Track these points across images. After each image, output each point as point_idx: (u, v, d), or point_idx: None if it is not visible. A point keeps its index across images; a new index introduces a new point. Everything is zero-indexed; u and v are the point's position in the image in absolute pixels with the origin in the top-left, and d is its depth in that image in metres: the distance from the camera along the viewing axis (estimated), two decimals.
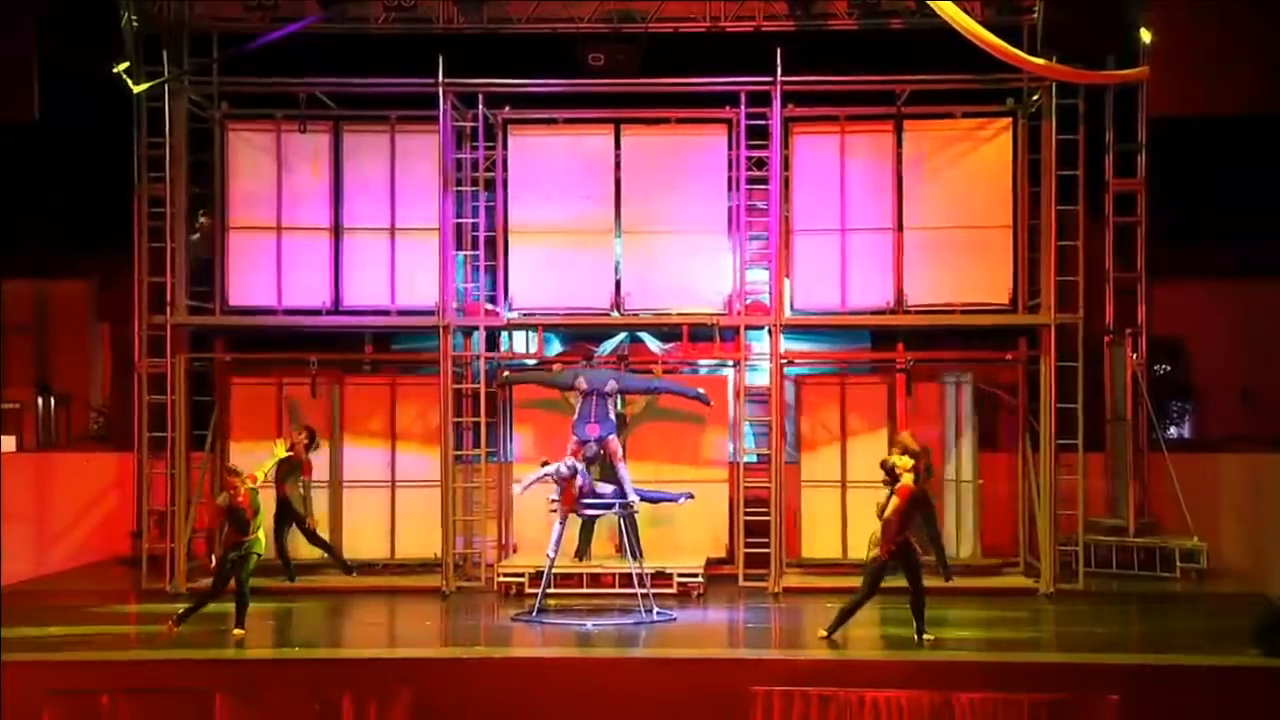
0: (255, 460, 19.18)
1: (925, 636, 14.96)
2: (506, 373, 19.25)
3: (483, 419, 18.86)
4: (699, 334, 19.29)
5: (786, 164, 19.20)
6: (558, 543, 16.89)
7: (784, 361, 19.10)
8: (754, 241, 19.62)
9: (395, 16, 19.15)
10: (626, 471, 17.14)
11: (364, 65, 19.22)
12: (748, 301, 19.30)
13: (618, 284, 19.32)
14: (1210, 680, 13.69)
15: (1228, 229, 21.32)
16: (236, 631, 15.29)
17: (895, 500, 14.88)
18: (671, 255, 19.25)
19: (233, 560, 15.47)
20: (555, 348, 20.46)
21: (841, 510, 19.52)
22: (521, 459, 19.56)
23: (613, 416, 17.29)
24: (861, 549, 15.80)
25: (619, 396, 18.47)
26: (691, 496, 17.91)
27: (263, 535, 15.78)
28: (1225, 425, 22.48)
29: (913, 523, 15.09)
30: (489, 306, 19.38)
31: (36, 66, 18.93)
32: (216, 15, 19.34)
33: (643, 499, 17.33)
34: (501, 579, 18.09)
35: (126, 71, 18.34)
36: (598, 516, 17.74)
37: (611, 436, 17.28)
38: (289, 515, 18.48)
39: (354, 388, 19.98)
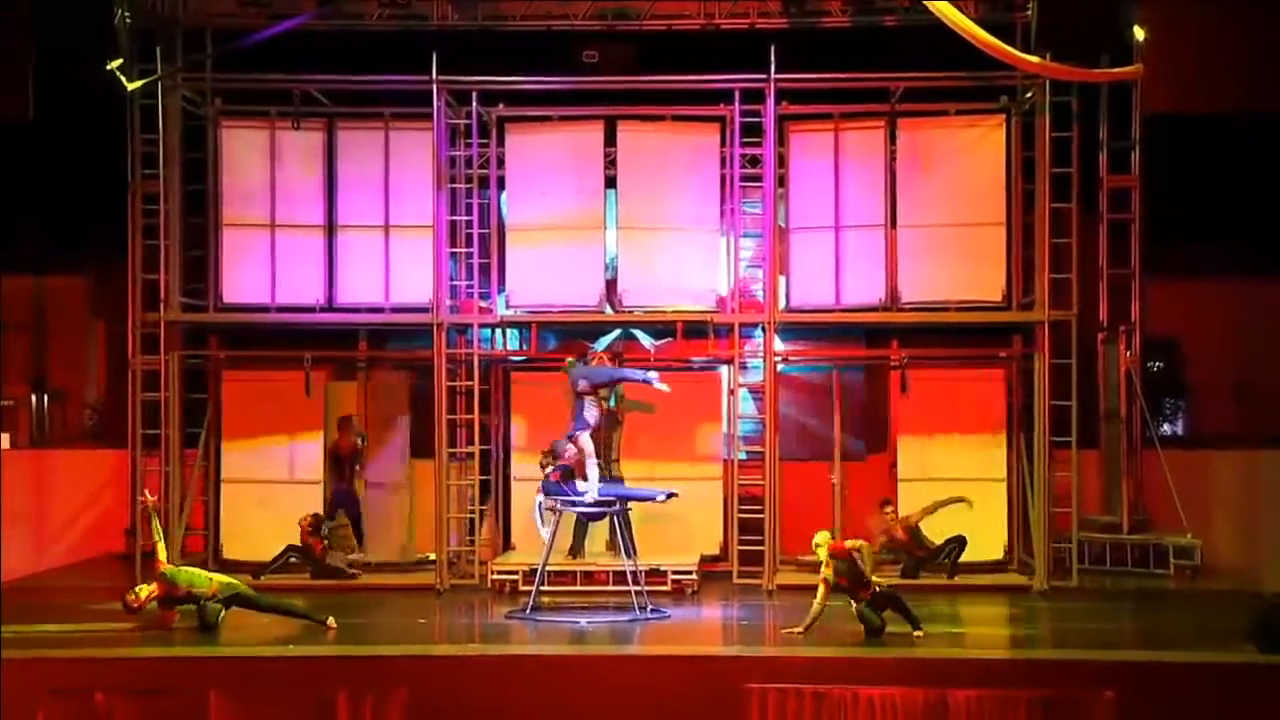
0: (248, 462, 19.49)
1: (917, 633, 14.99)
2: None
3: (476, 416, 18.89)
4: (693, 331, 19.31)
5: (781, 161, 19.24)
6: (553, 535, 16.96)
7: (778, 359, 19.13)
8: (749, 239, 19.67)
9: (390, 13, 19.17)
10: (595, 470, 16.99)
11: (358, 62, 19.21)
12: (742, 299, 19.37)
13: (610, 281, 19.36)
14: (1205, 677, 13.68)
15: (1222, 227, 21.33)
16: (331, 622, 15.40)
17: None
18: (666, 252, 19.26)
19: (212, 611, 15.39)
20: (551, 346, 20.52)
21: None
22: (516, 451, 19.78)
23: (588, 415, 17.12)
24: None
25: (611, 393, 18.46)
26: (674, 495, 17.28)
27: (218, 577, 15.74)
28: (1219, 423, 22.47)
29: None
30: (483, 304, 19.39)
31: (31, 64, 18.91)
32: (210, 12, 19.33)
33: (621, 498, 17.22)
34: (495, 576, 18.09)
35: (120, 69, 18.30)
36: (591, 519, 17.77)
37: (580, 433, 16.99)
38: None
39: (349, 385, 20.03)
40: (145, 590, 15.43)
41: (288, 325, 19.55)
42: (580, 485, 16.81)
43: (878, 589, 15.14)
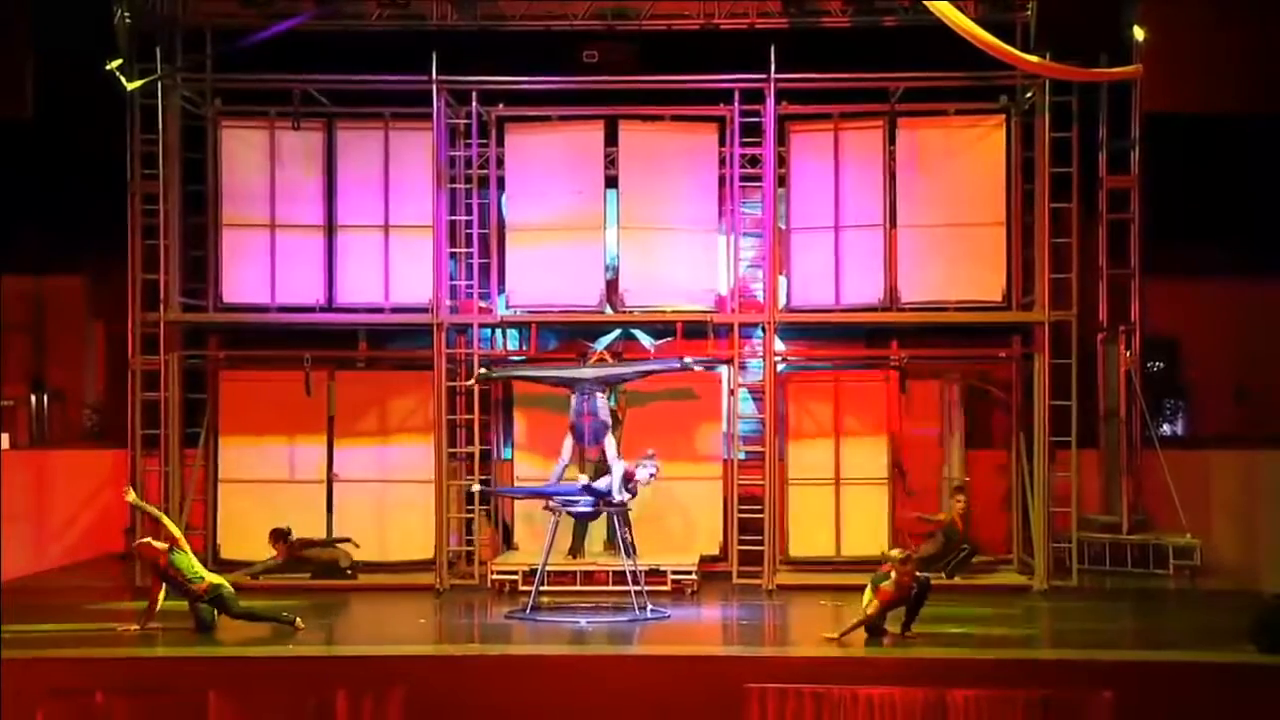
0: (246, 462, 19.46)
1: (908, 634, 14.98)
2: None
3: (476, 416, 18.91)
4: (693, 331, 19.32)
5: (781, 161, 19.26)
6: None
7: (778, 359, 19.14)
8: (749, 239, 19.69)
9: (389, 13, 19.10)
10: (557, 469, 17.25)
11: (358, 62, 19.21)
12: (742, 299, 19.40)
13: (610, 281, 19.37)
14: (1204, 676, 13.69)
15: (1222, 227, 21.31)
16: (299, 623, 15.37)
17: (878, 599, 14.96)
18: (667, 252, 19.29)
19: (206, 610, 15.42)
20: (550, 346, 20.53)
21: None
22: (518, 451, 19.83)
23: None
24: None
25: (611, 393, 18.45)
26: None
27: (210, 575, 15.73)
28: (1218, 423, 22.48)
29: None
30: (483, 304, 19.39)
31: (31, 64, 18.88)
32: (210, 12, 19.30)
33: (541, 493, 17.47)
34: (495, 576, 18.08)
35: (119, 69, 18.30)
36: (590, 519, 17.78)
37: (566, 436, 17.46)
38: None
39: (347, 384, 19.98)
40: (156, 545, 15.48)
41: (287, 325, 19.56)
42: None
43: (920, 578, 15.13)
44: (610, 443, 17.09)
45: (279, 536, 18.57)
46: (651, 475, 16.91)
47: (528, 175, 19.39)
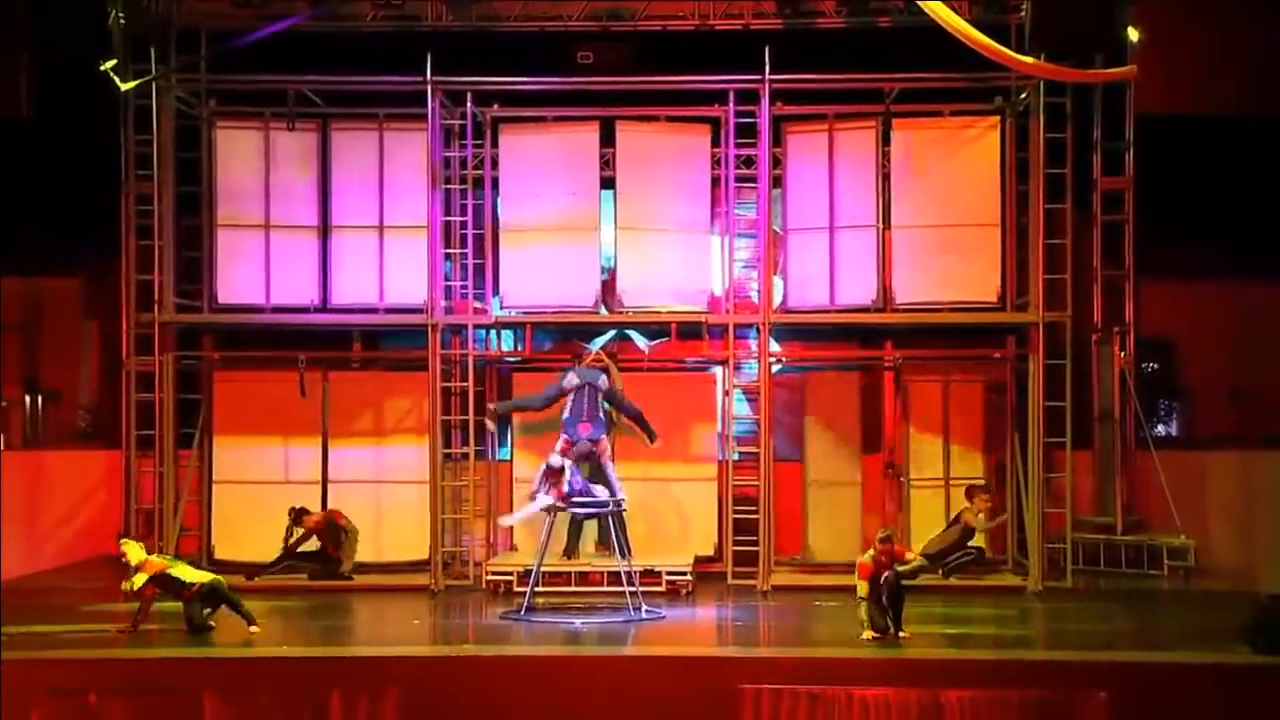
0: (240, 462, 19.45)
1: (902, 634, 14.96)
2: (492, 406, 18.91)
3: (470, 417, 18.90)
4: (689, 331, 19.32)
5: (776, 162, 19.26)
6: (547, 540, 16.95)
7: (772, 360, 19.14)
8: (745, 239, 19.70)
9: (384, 14, 19.14)
10: (615, 472, 17.17)
11: (352, 63, 19.21)
12: (738, 299, 19.40)
13: (605, 282, 19.37)
14: (1199, 677, 13.67)
15: (1216, 228, 21.32)
16: (254, 629, 15.29)
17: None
18: (661, 253, 19.28)
19: (197, 611, 15.36)
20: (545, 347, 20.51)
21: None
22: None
23: (603, 415, 17.34)
24: None
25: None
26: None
27: (199, 576, 15.65)
28: (1213, 424, 22.48)
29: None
30: (477, 305, 19.39)
31: (28, 64, 18.90)
32: (204, 12, 19.33)
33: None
34: (490, 577, 18.08)
35: (114, 69, 18.28)
36: (590, 517, 17.74)
37: (603, 437, 17.28)
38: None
39: (342, 385, 19.96)
40: (139, 579, 15.34)
41: (282, 326, 19.56)
42: (597, 489, 16.91)
43: (889, 575, 15.07)
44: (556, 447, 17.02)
45: (298, 516, 18.64)
46: (559, 466, 16.64)
47: (522, 176, 19.38)
